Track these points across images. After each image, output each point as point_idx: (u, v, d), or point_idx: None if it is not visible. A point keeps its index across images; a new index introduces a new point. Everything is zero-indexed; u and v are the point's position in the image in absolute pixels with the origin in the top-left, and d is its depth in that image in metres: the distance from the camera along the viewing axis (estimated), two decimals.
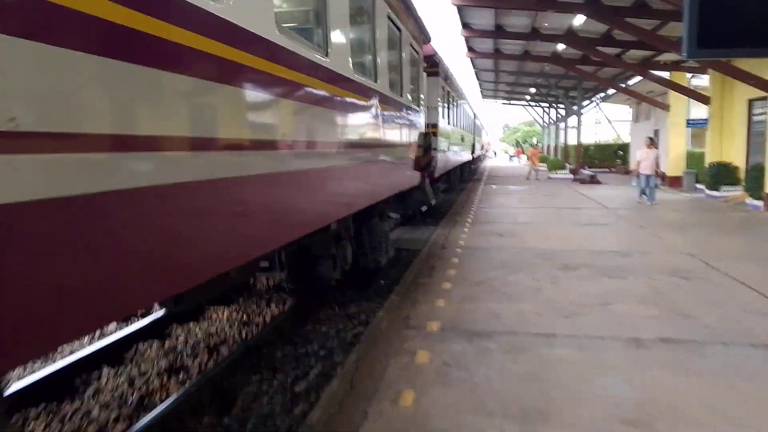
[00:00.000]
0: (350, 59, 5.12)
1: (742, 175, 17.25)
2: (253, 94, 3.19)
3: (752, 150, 16.88)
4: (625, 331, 4.93)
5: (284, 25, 3.66)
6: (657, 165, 14.98)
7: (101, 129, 2.02)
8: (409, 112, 8.67)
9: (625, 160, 35.62)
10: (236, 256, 3.07)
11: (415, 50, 9.43)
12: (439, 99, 12.70)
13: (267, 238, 3.48)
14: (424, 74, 10.95)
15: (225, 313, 6.37)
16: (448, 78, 14.31)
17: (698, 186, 19.24)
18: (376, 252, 7.37)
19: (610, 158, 36.61)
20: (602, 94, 33.45)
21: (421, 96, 9.92)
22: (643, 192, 15.55)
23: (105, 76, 2.01)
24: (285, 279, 6.76)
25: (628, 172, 33.06)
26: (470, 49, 23.45)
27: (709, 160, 18.07)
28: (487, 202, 16.85)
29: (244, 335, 5.73)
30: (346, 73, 4.99)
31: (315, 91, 4.19)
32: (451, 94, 15.78)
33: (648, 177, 15.15)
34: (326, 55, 4.42)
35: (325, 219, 4.79)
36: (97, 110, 2.01)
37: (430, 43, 11.18)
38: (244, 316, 6.28)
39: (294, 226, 3.92)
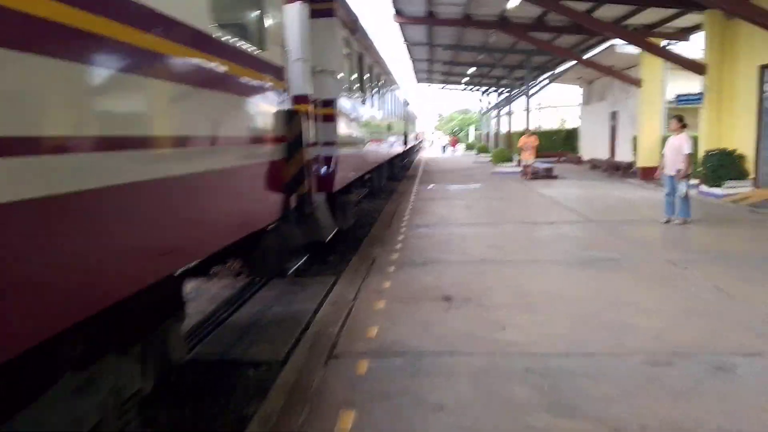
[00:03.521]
0: None
1: (750, 166, 13.19)
2: None
3: (766, 133, 12.82)
4: None
5: None
6: (688, 160, 9.82)
7: None
8: (225, 55, 3.65)
9: (574, 148, 31.88)
10: None
11: None
12: (339, 60, 7.63)
13: None
14: (293, 6, 5.92)
15: None
16: (357, 31, 9.25)
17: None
18: None
19: (557, 146, 32.71)
20: (550, 73, 29.38)
21: (278, 40, 4.84)
22: (671, 202, 10.06)
23: None
24: None
25: (580, 161, 29.31)
26: (398, 12, 18.50)
27: (705, 147, 13.93)
28: (423, 214, 11.99)
29: None
30: None
31: None
32: (366, 61, 10.74)
33: (673, 179, 9.93)
34: None
35: None
36: None
37: None
38: None
39: None
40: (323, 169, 6.84)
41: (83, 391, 2.30)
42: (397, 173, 23.18)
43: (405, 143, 23.64)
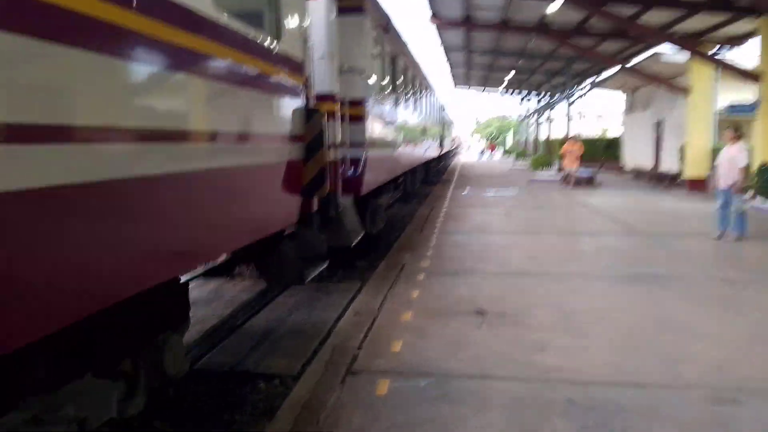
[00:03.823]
0: None
1: None
2: None
3: None
4: None
5: None
6: (744, 172, 9.05)
7: None
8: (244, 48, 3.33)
9: (616, 156, 30.78)
10: None
11: None
12: (369, 60, 7.26)
13: None
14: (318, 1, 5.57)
15: None
16: (389, 32, 8.87)
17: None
18: None
19: (598, 154, 31.64)
20: (592, 79, 28.46)
21: (299, 32, 4.46)
22: (725, 216, 9.23)
23: None
24: None
25: (621, 170, 28.24)
26: (435, 14, 18.08)
27: (760, 158, 13.04)
28: (458, 220, 11.51)
29: None
30: None
31: None
32: (399, 63, 10.36)
33: (728, 192, 9.17)
34: None
35: None
36: None
37: None
38: None
39: None
40: (350, 171, 6.48)
41: (38, 423, 1.96)
42: (432, 177, 22.72)
43: (441, 147, 23.15)
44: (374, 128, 7.51)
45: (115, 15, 2.14)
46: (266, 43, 3.71)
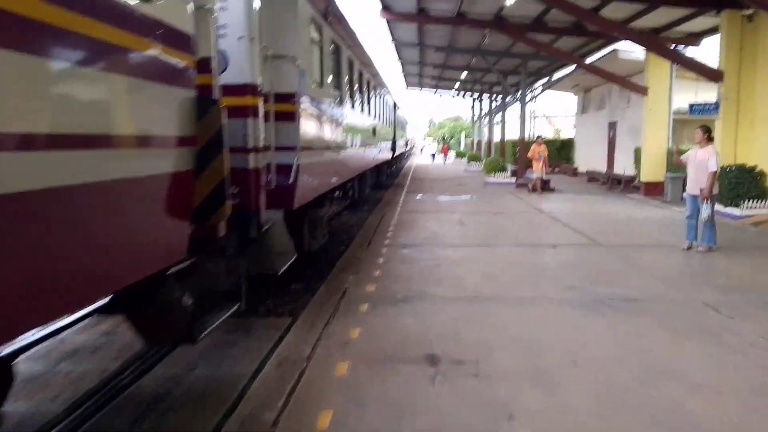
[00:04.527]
0: None
1: None
2: None
3: None
4: None
5: None
6: (713, 178, 8.37)
7: None
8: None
9: (569, 159, 30.63)
10: None
11: None
12: (304, 46, 6.18)
13: None
14: None
15: None
16: (331, 15, 7.76)
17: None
18: None
19: (551, 157, 31.43)
20: (545, 80, 28.13)
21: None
22: (694, 226, 8.59)
23: None
24: None
25: (576, 172, 28.02)
26: (386, 7, 17.10)
27: (720, 162, 12.59)
28: (409, 230, 10.55)
29: None
30: None
31: None
32: (344, 54, 9.30)
33: (697, 199, 8.53)
34: None
35: None
36: None
37: None
38: None
39: None
40: (279, 181, 5.39)
41: None
42: (383, 181, 21.76)
43: (393, 149, 22.20)
44: (310, 128, 6.43)
45: None
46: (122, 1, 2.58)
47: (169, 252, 3.02)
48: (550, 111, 45.50)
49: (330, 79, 7.87)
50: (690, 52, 16.36)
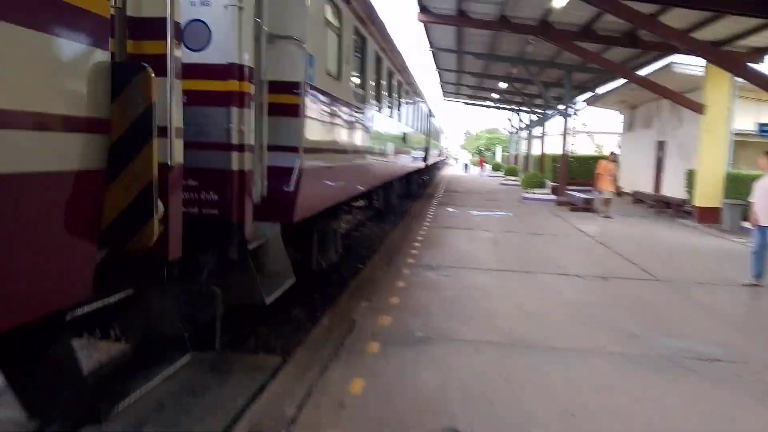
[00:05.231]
0: None
1: None
2: None
3: None
4: None
5: None
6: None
7: None
8: None
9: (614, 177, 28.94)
10: None
11: None
12: (315, 27, 5.11)
13: None
14: None
15: None
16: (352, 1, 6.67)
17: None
18: None
19: (593, 174, 29.85)
20: (588, 94, 26.66)
21: None
22: (761, 260, 7.46)
23: None
24: None
25: (619, 192, 26.38)
26: (424, 8, 16.06)
27: None
28: (436, 249, 9.39)
29: None
30: None
31: None
32: (370, 47, 8.22)
33: (765, 231, 7.44)
34: None
35: None
36: None
37: None
38: None
39: None
40: (274, 187, 4.33)
41: None
42: (413, 191, 20.63)
43: (425, 159, 21.02)
44: (319, 127, 5.36)
45: None
46: None
47: (59, 290, 1.98)
48: (591, 127, 43.68)
49: (350, 73, 6.80)
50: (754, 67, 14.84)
